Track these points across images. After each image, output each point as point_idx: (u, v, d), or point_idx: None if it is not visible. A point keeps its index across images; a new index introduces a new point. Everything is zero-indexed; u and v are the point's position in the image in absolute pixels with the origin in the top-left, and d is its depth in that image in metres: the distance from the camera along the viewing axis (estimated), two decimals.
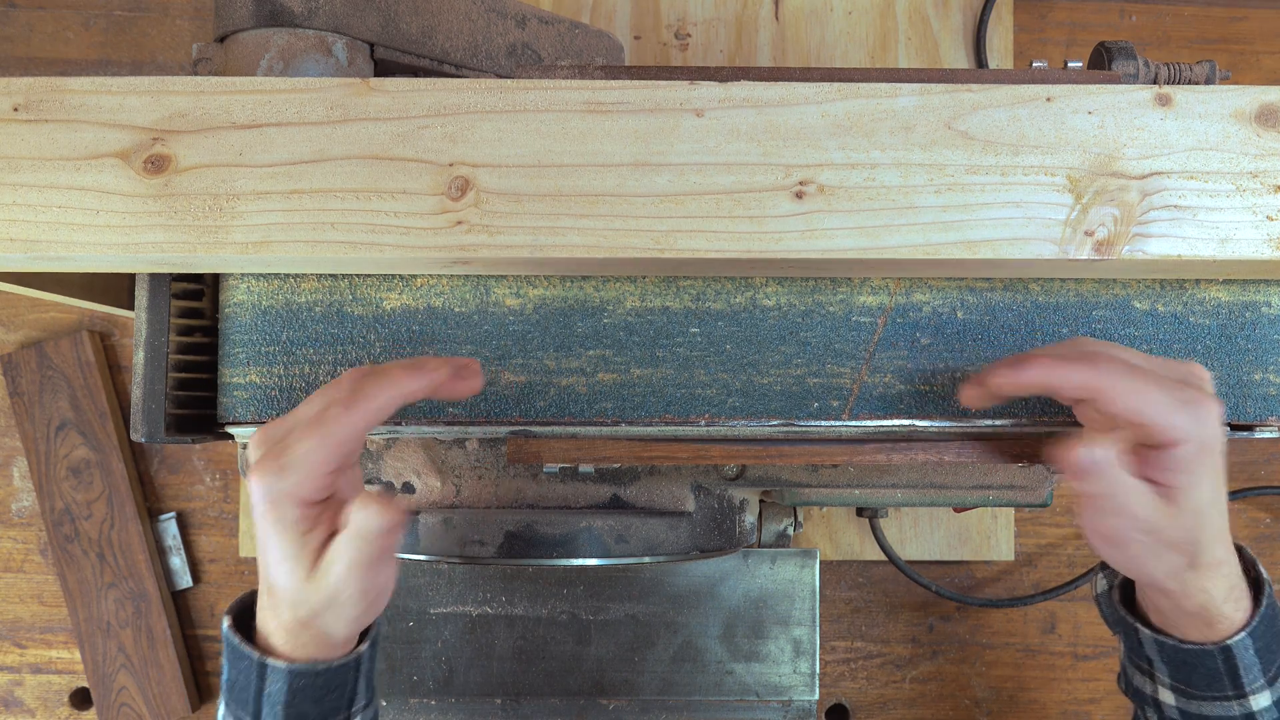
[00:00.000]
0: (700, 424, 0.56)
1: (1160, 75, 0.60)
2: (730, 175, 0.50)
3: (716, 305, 0.56)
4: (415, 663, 0.77)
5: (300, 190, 0.50)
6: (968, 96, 0.51)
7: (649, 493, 0.68)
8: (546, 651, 0.78)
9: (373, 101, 0.50)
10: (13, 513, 0.89)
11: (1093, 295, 0.56)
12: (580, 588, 0.78)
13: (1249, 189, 0.50)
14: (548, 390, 0.56)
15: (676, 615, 0.78)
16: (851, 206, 0.50)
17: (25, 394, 0.88)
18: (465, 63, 0.65)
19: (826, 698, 0.92)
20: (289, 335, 0.56)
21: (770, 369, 0.56)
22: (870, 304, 0.56)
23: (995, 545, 0.91)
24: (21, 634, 0.89)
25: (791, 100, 0.51)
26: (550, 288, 0.56)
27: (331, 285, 0.56)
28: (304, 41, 0.57)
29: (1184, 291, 0.57)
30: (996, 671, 0.92)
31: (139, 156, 0.50)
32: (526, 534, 0.66)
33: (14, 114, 0.50)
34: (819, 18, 0.92)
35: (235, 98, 0.50)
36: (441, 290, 0.56)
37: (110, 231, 0.50)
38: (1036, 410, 0.57)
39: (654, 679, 0.78)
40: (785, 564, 0.78)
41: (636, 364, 0.56)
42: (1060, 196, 0.50)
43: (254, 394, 0.56)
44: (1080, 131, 0.51)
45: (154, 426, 0.56)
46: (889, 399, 0.56)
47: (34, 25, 0.90)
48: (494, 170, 0.50)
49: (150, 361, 0.56)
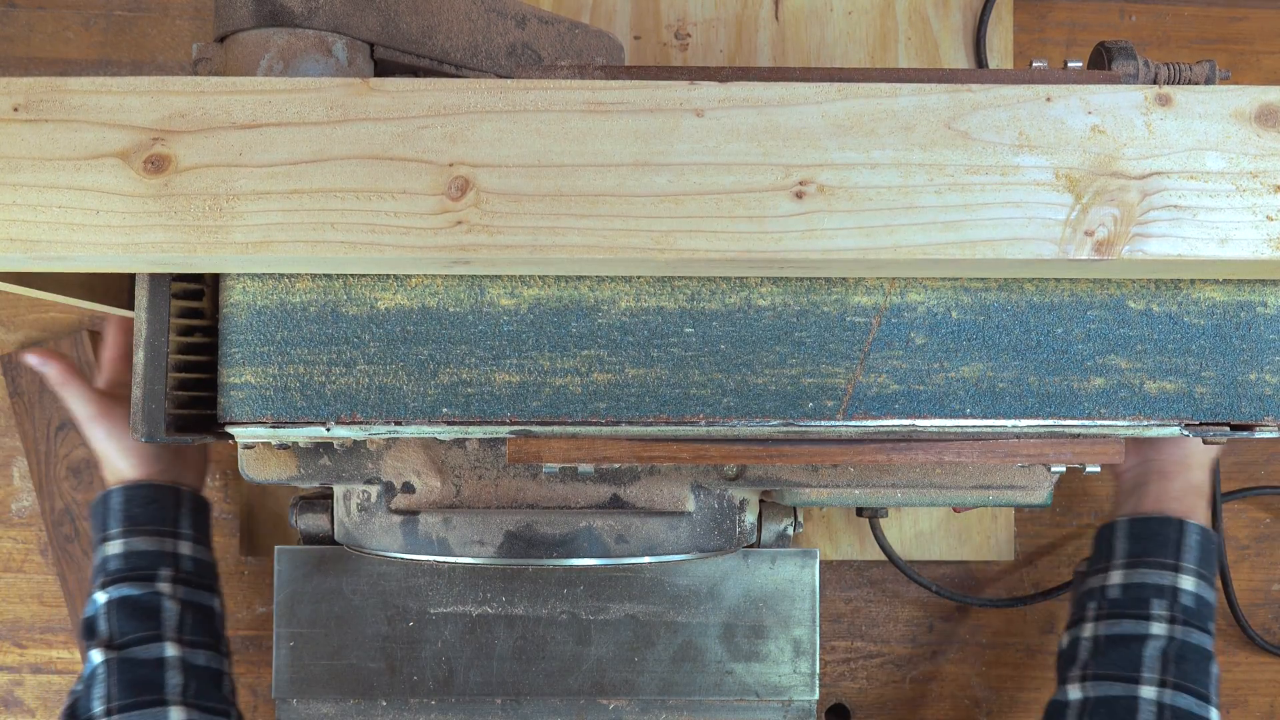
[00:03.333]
0: (696, 424, 0.56)
1: (1160, 75, 0.60)
2: (730, 175, 0.50)
3: (711, 305, 0.56)
4: (415, 663, 0.77)
5: (300, 190, 0.50)
6: (968, 96, 0.51)
7: (649, 493, 0.68)
8: (546, 651, 0.78)
9: (373, 101, 0.50)
10: (13, 513, 0.89)
11: (1088, 295, 0.56)
12: (580, 588, 0.78)
13: (1249, 189, 0.50)
14: (542, 390, 0.56)
15: (676, 615, 0.78)
16: (851, 206, 0.50)
17: (25, 394, 0.89)
18: (465, 63, 0.65)
19: (826, 698, 0.92)
20: (284, 335, 0.56)
21: (765, 369, 0.56)
22: (865, 304, 0.56)
23: (995, 545, 0.91)
24: (21, 634, 0.89)
25: (791, 100, 0.51)
26: (545, 288, 0.56)
27: (326, 285, 0.56)
28: (304, 41, 0.57)
29: (1179, 291, 0.57)
30: (996, 671, 0.92)
31: (139, 156, 0.50)
32: (526, 534, 0.66)
33: (14, 114, 0.50)
34: (819, 18, 0.92)
35: (235, 98, 0.50)
36: (436, 290, 0.56)
37: (110, 231, 0.50)
38: (1035, 411, 0.57)
39: (654, 679, 0.78)
40: (785, 564, 0.78)
41: (631, 364, 0.56)
42: (1060, 196, 0.50)
43: (250, 394, 0.56)
44: (1080, 131, 0.51)
45: (154, 426, 0.56)
46: (884, 399, 0.56)
47: (34, 25, 0.90)
48: (494, 170, 0.50)
49: (150, 361, 0.56)
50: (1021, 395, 0.57)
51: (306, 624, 0.77)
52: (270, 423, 0.56)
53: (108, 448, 0.75)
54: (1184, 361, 0.57)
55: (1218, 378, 0.57)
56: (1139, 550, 0.73)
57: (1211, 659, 0.70)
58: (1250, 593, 0.93)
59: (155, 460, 0.75)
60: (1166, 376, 0.57)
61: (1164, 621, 0.70)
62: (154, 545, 0.73)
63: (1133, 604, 0.71)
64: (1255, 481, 0.93)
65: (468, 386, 0.56)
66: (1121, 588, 0.72)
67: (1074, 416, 0.57)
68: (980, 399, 0.56)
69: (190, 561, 0.75)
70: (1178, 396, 0.57)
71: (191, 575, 0.74)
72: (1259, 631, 0.92)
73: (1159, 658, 0.69)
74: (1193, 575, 0.71)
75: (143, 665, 0.70)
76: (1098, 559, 0.76)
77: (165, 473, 0.76)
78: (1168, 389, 0.57)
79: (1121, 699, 0.68)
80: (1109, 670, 0.70)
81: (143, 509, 0.73)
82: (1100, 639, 0.72)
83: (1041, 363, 0.56)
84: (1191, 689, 0.68)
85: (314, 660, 0.77)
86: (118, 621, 0.71)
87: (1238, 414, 0.57)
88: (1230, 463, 0.93)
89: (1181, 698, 0.68)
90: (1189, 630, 0.70)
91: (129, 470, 0.75)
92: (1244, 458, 0.93)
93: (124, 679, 0.69)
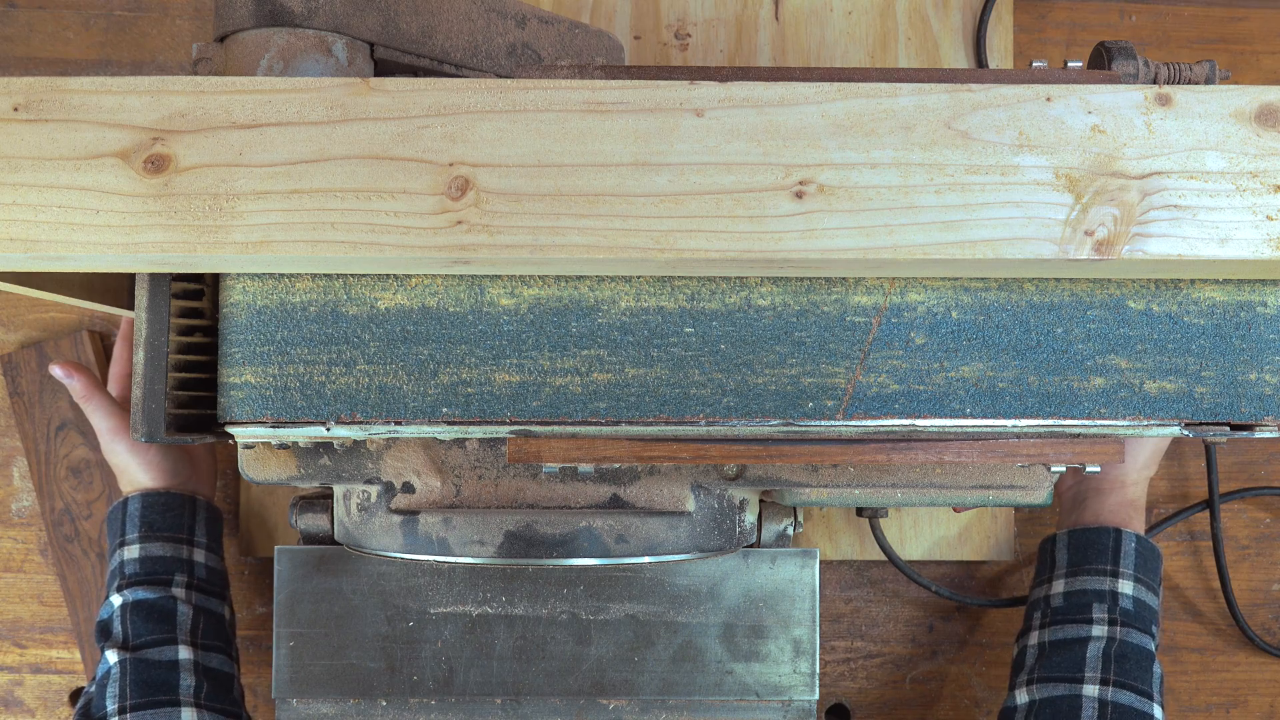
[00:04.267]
0: (696, 424, 0.56)
1: (1160, 75, 0.60)
2: (730, 175, 0.50)
3: (711, 305, 0.56)
4: (415, 663, 0.77)
5: (300, 190, 0.50)
6: (967, 96, 0.51)
7: (649, 493, 0.68)
8: (546, 651, 0.78)
9: (373, 101, 0.50)
10: (13, 513, 0.89)
11: (1087, 295, 0.56)
12: (580, 588, 0.78)
13: (1249, 189, 0.50)
14: (542, 390, 0.56)
15: (676, 615, 0.78)
16: (851, 206, 0.50)
17: (25, 394, 0.89)
18: (465, 63, 0.65)
19: (826, 698, 0.92)
20: (284, 335, 0.56)
21: (765, 369, 0.56)
22: (865, 304, 0.56)
23: (995, 545, 0.91)
24: (21, 634, 0.89)
25: (791, 100, 0.51)
26: (545, 287, 0.56)
27: (326, 285, 0.56)
28: (304, 41, 0.57)
29: (1179, 291, 0.57)
30: (996, 671, 0.92)
31: (139, 156, 0.50)
32: (526, 534, 0.66)
33: (14, 114, 0.50)
34: (819, 18, 0.92)
35: (235, 97, 0.50)
36: (436, 290, 0.56)
37: (110, 231, 0.50)
38: (1035, 411, 0.57)
39: (654, 679, 0.78)
40: (785, 564, 0.78)
41: (631, 364, 0.56)
42: (1060, 196, 0.50)
43: (250, 394, 0.56)
44: (1080, 131, 0.51)
45: (154, 426, 0.56)
46: (884, 399, 0.56)
47: (34, 25, 0.90)
48: (494, 170, 0.50)
49: (150, 361, 0.56)
50: (1021, 395, 0.57)
51: (306, 624, 0.77)
52: (270, 422, 0.56)
53: (129, 461, 0.76)
54: (1184, 361, 0.57)
55: (1218, 377, 0.57)
56: (1078, 559, 0.77)
57: (1153, 659, 0.72)
58: (1250, 593, 0.93)
59: (173, 473, 0.77)
60: (1166, 376, 0.57)
61: (1104, 624, 0.73)
62: (170, 551, 0.75)
63: (1074, 610, 0.75)
64: (1255, 481, 0.93)
65: (468, 386, 0.56)
66: (1063, 595, 0.76)
67: (1074, 416, 0.57)
68: (980, 399, 0.56)
69: (204, 569, 0.76)
70: (1178, 396, 0.57)
71: (204, 582, 0.76)
72: (1259, 631, 0.92)
73: (1099, 657, 0.72)
74: (1130, 580, 0.75)
75: (157, 667, 0.71)
76: (1041, 570, 0.80)
77: (183, 484, 0.78)
78: (1168, 389, 0.57)
79: (1065, 698, 0.71)
80: (1053, 673, 0.73)
81: (160, 516, 0.75)
82: (1045, 644, 0.75)
83: (1041, 363, 0.56)
84: (1133, 686, 0.70)
85: (314, 660, 0.77)
86: (133, 624, 0.72)
87: (1238, 414, 0.57)
88: (1230, 463, 0.93)
89: (1123, 694, 0.70)
90: (1129, 631, 0.73)
91: (149, 482, 0.77)
92: (1244, 458, 0.93)
93: (138, 679, 0.70)
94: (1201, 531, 0.92)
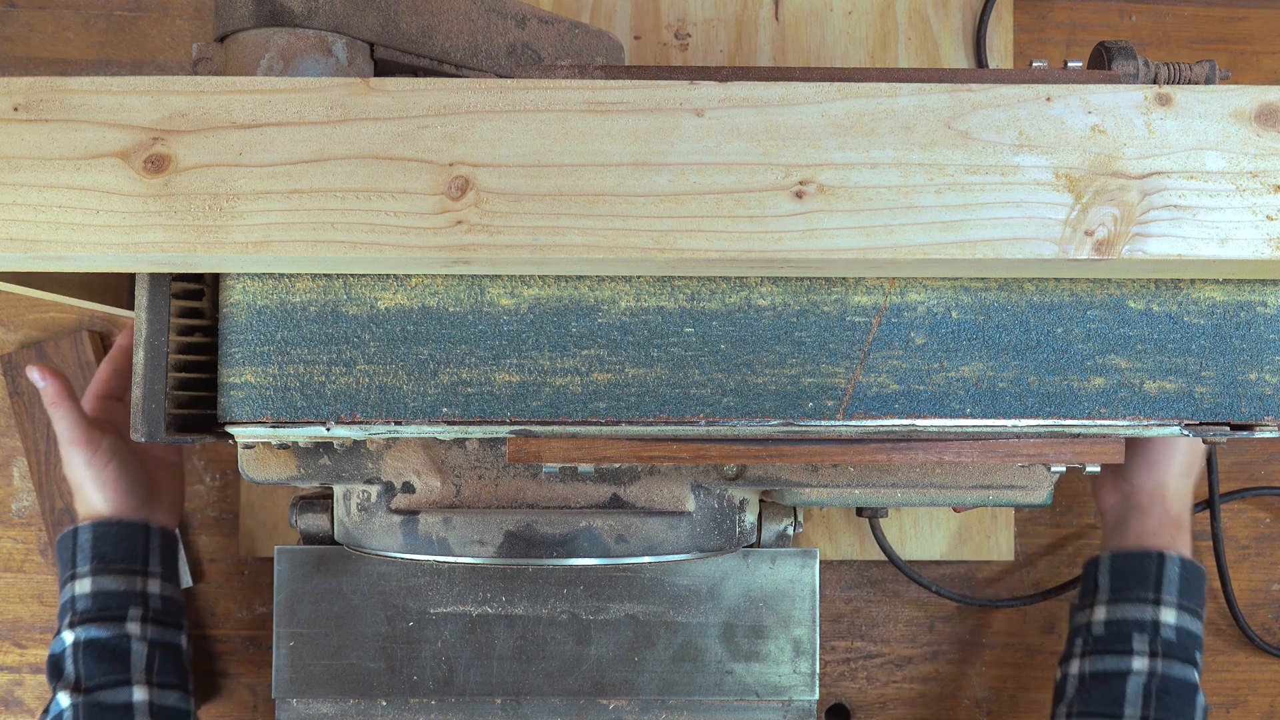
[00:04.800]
0: (696, 424, 0.56)
1: (1160, 75, 0.60)
2: (730, 175, 0.50)
3: (711, 305, 0.56)
4: (415, 663, 0.77)
5: (300, 190, 0.50)
6: (967, 96, 0.51)
7: (649, 493, 0.68)
8: (546, 651, 0.78)
9: (373, 101, 0.50)
10: (13, 513, 0.89)
11: (1088, 295, 0.56)
12: (580, 588, 0.78)
13: (1249, 189, 0.50)
14: (542, 390, 0.56)
15: (676, 615, 0.78)
16: (851, 206, 0.50)
17: (25, 394, 0.89)
18: (465, 63, 0.65)
19: (826, 698, 0.92)
20: (284, 335, 0.56)
21: (765, 369, 0.56)
22: (865, 304, 0.56)
23: (995, 545, 0.91)
24: (21, 634, 0.89)
25: (791, 100, 0.51)
26: (545, 287, 0.56)
27: (326, 285, 0.56)
28: (304, 41, 0.57)
29: (1179, 291, 0.57)
30: (997, 672, 0.92)
31: (139, 156, 0.50)
32: (526, 534, 0.66)
33: (14, 114, 0.50)
34: (819, 18, 0.92)
35: (235, 97, 0.50)
36: (436, 290, 0.56)
37: (110, 231, 0.50)
38: (1035, 411, 0.57)
39: (654, 679, 0.78)
40: (785, 564, 0.78)
41: (631, 364, 0.56)
42: (1060, 196, 0.50)
43: (250, 394, 0.56)
44: (1080, 131, 0.51)
45: (154, 426, 0.56)
46: (884, 399, 0.56)
47: (34, 25, 0.91)
48: (494, 170, 0.50)
49: (150, 361, 0.56)
50: (1021, 395, 0.57)
51: (306, 624, 0.77)
52: (270, 422, 0.56)
53: (83, 476, 0.74)
54: (1184, 361, 0.57)
55: (1218, 377, 0.57)
56: (1120, 586, 0.75)
57: (1196, 690, 0.72)
58: (1250, 593, 0.93)
59: (129, 495, 0.74)
60: (1166, 376, 0.57)
61: (1145, 656, 0.72)
62: (124, 585, 0.73)
63: (1115, 640, 0.73)
64: (1255, 481, 0.93)
65: (468, 386, 0.56)
66: (1105, 624, 0.75)
67: (1074, 416, 0.57)
68: (980, 399, 0.56)
69: (159, 599, 0.74)
70: (1178, 396, 0.57)
71: (160, 614, 0.74)
72: (1259, 631, 0.92)
73: (1140, 693, 0.71)
74: (1174, 608, 0.73)
75: (110, 710, 0.70)
76: (1085, 594, 0.78)
77: (138, 510, 0.75)
78: (1168, 389, 0.57)
79: None
80: (1092, 707, 0.72)
81: (112, 547, 0.73)
82: (1085, 675, 0.74)
83: (1041, 362, 0.56)
84: None
85: (314, 660, 0.77)
86: (85, 664, 0.70)
87: (1238, 414, 0.57)
88: (1230, 463, 0.93)
89: None
90: (1170, 664, 0.71)
91: (101, 504, 0.74)
92: (1244, 458, 0.93)
93: None
94: (1202, 531, 0.92)
